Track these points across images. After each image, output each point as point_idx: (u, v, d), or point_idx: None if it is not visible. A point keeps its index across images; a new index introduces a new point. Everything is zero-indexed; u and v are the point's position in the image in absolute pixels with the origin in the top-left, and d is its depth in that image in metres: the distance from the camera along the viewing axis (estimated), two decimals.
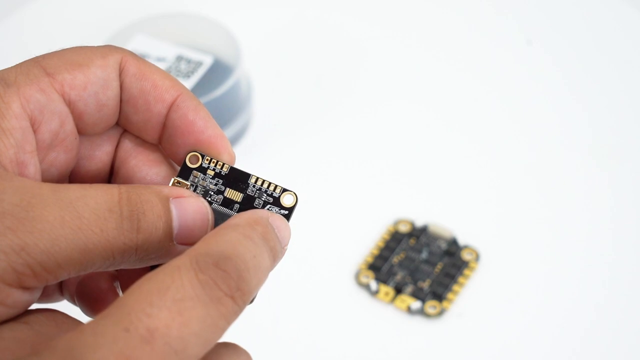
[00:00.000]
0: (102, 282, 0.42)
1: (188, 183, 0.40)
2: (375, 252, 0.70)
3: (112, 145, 0.42)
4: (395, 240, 0.70)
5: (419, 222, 0.71)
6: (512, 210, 0.72)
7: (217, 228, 0.37)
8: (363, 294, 0.68)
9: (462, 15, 0.88)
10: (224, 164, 0.41)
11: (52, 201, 0.35)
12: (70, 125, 0.39)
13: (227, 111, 0.76)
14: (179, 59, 0.76)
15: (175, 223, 0.38)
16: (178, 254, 0.37)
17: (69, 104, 0.39)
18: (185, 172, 0.41)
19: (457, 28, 0.87)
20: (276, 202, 0.40)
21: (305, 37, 0.86)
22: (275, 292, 0.66)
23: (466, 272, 0.68)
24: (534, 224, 0.71)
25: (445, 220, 0.71)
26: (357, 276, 0.69)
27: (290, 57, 0.85)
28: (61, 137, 0.39)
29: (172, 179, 0.41)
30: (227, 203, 0.40)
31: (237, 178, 0.40)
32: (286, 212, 0.40)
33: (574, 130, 0.78)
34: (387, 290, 0.68)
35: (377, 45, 0.85)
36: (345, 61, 0.84)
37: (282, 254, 0.38)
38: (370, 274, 0.69)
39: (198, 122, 0.40)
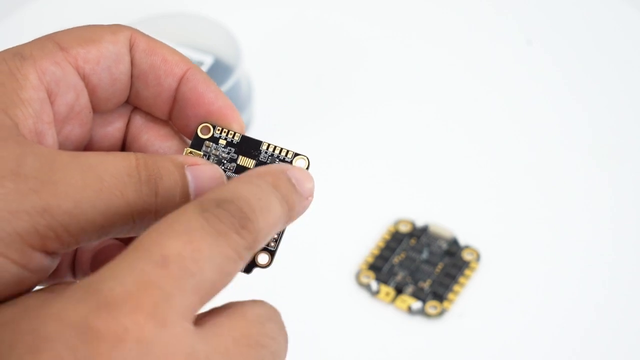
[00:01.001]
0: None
1: (201, 153, 0.41)
2: (376, 252, 0.70)
3: (124, 122, 0.43)
4: (395, 241, 0.70)
5: (420, 222, 0.71)
6: (513, 211, 0.72)
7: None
8: (363, 294, 0.68)
9: (462, 15, 0.88)
10: (235, 133, 0.41)
11: (73, 166, 0.36)
12: (84, 99, 0.40)
13: None
14: None
15: (192, 189, 0.38)
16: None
17: (83, 78, 0.40)
18: (197, 143, 0.41)
19: (457, 28, 0.87)
20: None
21: (305, 37, 0.86)
22: (276, 292, 0.65)
23: (467, 272, 0.68)
24: (534, 224, 0.71)
25: (445, 220, 0.71)
26: (357, 276, 0.69)
27: (290, 57, 0.85)
28: (76, 110, 0.40)
29: (185, 150, 0.41)
30: (240, 170, 0.41)
31: (249, 145, 0.41)
32: None
33: (574, 130, 0.78)
34: (387, 290, 0.68)
35: (377, 45, 0.85)
36: (345, 61, 0.84)
37: (303, 205, 0.38)
38: (371, 274, 0.69)
39: (208, 94, 0.41)
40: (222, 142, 0.41)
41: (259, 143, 0.41)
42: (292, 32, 0.87)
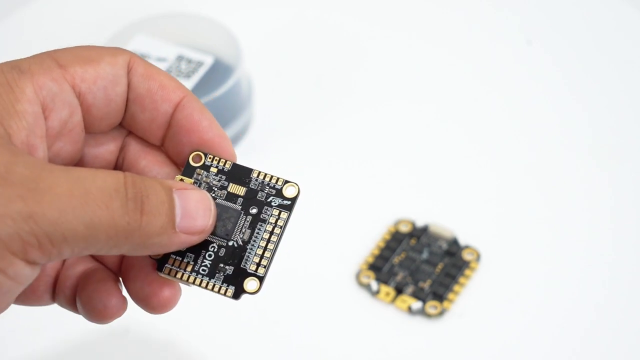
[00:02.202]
0: (107, 283, 0.42)
1: (192, 180, 0.41)
2: (376, 252, 0.70)
3: (117, 145, 0.43)
4: (396, 241, 0.70)
5: (420, 222, 0.71)
6: (513, 210, 0.72)
7: None
8: (364, 294, 0.68)
9: (462, 15, 0.88)
10: (226, 161, 0.42)
11: (61, 176, 0.36)
12: (78, 117, 0.41)
13: (228, 111, 0.76)
14: (180, 59, 0.76)
15: (178, 211, 0.39)
16: (180, 243, 0.39)
17: (79, 96, 0.40)
18: (189, 170, 0.42)
19: (457, 28, 0.87)
20: (278, 193, 0.41)
21: (306, 37, 0.86)
22: (276, 292, 0.66)
23: (467, 272, 0.68)
24: (534, 224, 0.71)
25: (446, 220, 0.71)
26: (357, 276, 0.68)
27: (290, 57, 0.85)
28: (69, 127, 0.40)
29: (176, 177, 0.42)
30: (231, 197, 0.41)
31: (239, 173, 0.42)
32: (289, 202, 0.41)
33: (575, 131, 0.78)
34: (387, 290, 0.68)
35: (377, 45, 0.85)
36: (345, 61, 0.84)
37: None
38: (371, 274, 0.68)
39: (203, 122, 0.42)
40: (214, 170, 0.42)
41: (249, 171, 0.42)
42: (292, 32, 0.87)
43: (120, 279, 0.43)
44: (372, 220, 0.72)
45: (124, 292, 0.42)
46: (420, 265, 0.69)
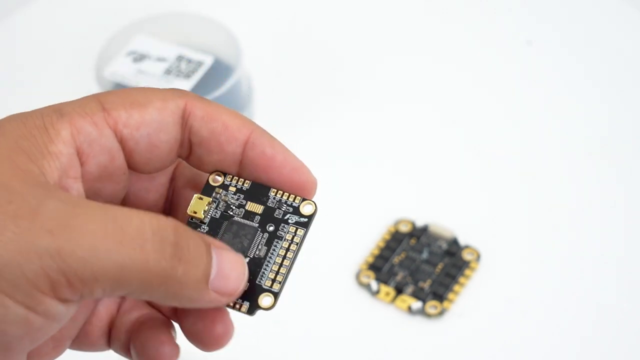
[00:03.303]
0: (161, 330, 0.41)
1: (210, 198, 0.41)
2: (376, 252, 0.70)
3: (167, 176, 0.42)
4: (395, 240, 0.70)
5: (420, 222, 0.71)
6: (513, 211, 0.72)
7: None
8: (364, 294, 0.68)
9: (463, 16, 0.88)
10: (245, 180, 0.41)
11: (96, 213, 0.35)
12: (120, 161, 0.39)
13: None
14: (180, 59, 0.76)
15: (214, 269, 0.38)
16: (209, 301, 0.38)
17: (121, 141, 0.39)
18: (208, 190, 0.41)
19: (458, 29, 0.87)
20: (296, 211, 0.41)
21: (306, 37, 0.86)
22: None
23: (467, 272, 0.68)
24: (534, 224, 0.71)
25: (446, 220, 0.71)
26: (357, 276, 0.68)
27: (290, 57, 0.85)
28: (109, 170, 0.39)
29: (195, 196, 0.41)
30: (248, 215, 0.41)
31: (258, 191, 0.41)
32: (305, 219, 0.41)
33: (575, 131, 0.78)
34: (387, 290, 0.68)
35: (377, 45, 0.85)
36: (345, 61, 0.84)
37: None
38: (371, 274, 0.68)
39: (277, 157, 0.40)
40: (232, 188, 0.41)
41: (267, 189, 0.41)
42: (292, 32, 0.87)
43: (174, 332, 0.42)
44: (372, 220, 0.72)
45: (179, 335, 0.42)
46: (420, 265, 0.69)
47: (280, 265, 0.41)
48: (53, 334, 0.37)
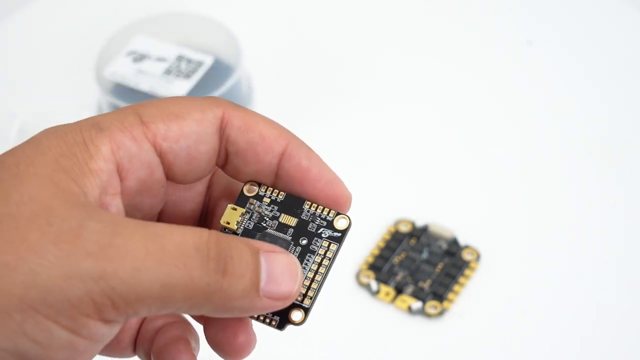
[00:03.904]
0: (180, 341, 0.41)
1: (244, 209, 0.41)
2: (376, 252, 0.70)
3: (204, 185, 0.42)
4: (395, 240, 0.70)
5: (420, 222, 0.71)
6: (513, 211, 0.72)
7: None
8: (364, 294, 0.68)
9: (463, 16, 0.88)
10: (279, 192, 0.41)
11: (136, 232, 0.35)
12: (159, 174, 0.39)
13: None
14: (180, 59, 0.76)
15: (264, 275, 0.37)
16: (263, 308, 0.37)
17: (160, 154, 0.39)
18: (242, 200, 0.41)
19: (458, 29, 0.87)
20: (330, 225, 0.41)
21: (306, 36, 0.86)
22: None
23: (467, 272, 0.68)
24: (534, 224, 0.71)
25: (445, 220, 0.71)
26: (357, 276, 0.68)
27: (290, 57, 0.84)
28: (148, 184, 0.39)
29: (228, 206, 0.40)
30: (282, 228, 0.40)
31: (292, 204, 0.41)
32: (339, 234, 0.41)
33: (575, 131, 0.78)
34: (387, 290, 0.68)
35: (377, 45, 0.85)
36: (345, 61, 0.84)
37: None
38: (371, 274, 0.68)
39: (312, 169, 0.40)
40: (266, 200, 0.41)
41: (302, 202, 0.41)
42: (292, 32, 0.87)
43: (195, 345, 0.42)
44: (372, 220, 0.72)
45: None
46: (420, 265, 0.69)
47: (312, 280, 0.40)
48: None
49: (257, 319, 0.40)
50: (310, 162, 0.40)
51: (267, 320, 0.40)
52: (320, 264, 0.40)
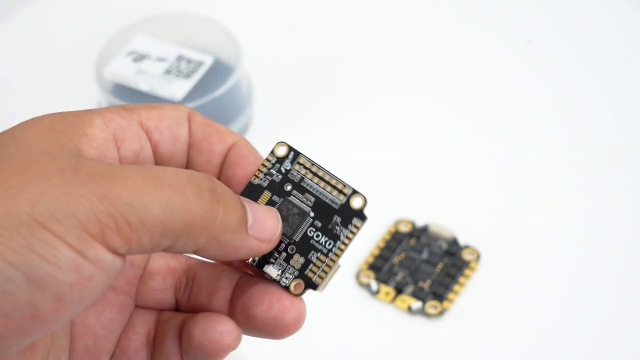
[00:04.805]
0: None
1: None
2: (376, 252, 0.70)
3: None
4: (395, 240, 0.70)
5: (420, 222, 0.71)
6: (513, 211, 0.72)
7: None
8: (363, 294, 0.68)
9: (463, 16, 0.88)
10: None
11: (133, 168, 0.37)
12: (148, 152, 0.42)
13: (228, 111, 0.76)
14: (179, 59, 0.76)
15: (250, 216, 0.39)
16: (250, 248, 0.39)
17: (147, 132, 0.41)
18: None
19: (457, 28, 0.87)
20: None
21: (306, 37, 0.86)
22: None
23: (467, 272, 0.68)
24: (534, 224, 0.71)
25: (445, 220, 0.71)
26: (357, 276, 0.69)
27: (290, 57, 0.85)
28: (141, 160, 0.41)
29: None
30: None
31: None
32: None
33: (575, 131, 0.78)
34: (387, 290, 0.68)
35: (377, 45, 0.85)
36: (346, 61, 0.84)
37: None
38: (371, 274, 0.69)
39: (250, 157, 0.43)
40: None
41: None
42: (292, 32, 0.87)
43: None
44: (372, 220, 0.71)
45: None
46: (420, 265, 0.69)
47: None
48: (93, 334, 0.39)
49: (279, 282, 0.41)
50: (251, 152, 0.43)
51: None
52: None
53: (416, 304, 0.67)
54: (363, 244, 0.70)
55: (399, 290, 0.68)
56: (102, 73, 0.76)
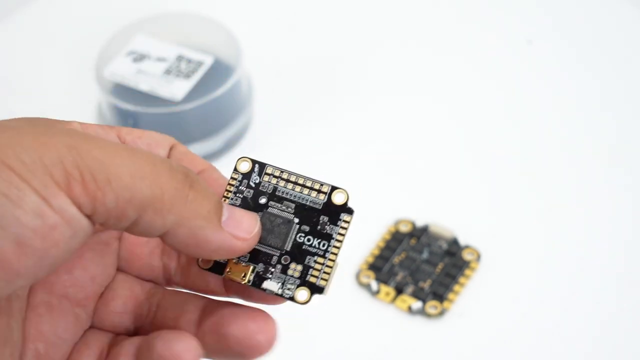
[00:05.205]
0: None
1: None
2: (376, 252, 0.70)
3: None
4: (396, 240, 0.70)
5: (420, 222, 0.71)
6: (513, 211, 0.72)
7: None
8: (364, 294, 0.68)
9: (463, 16, 0.88)
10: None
11: (106, 139, 0.37)
12: None
13: (228, 111, 0.76)
14: (180, 59, 0.76)
15: (225, 212, 0.38)
16: (224, 240, 0.38)
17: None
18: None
19: (458, 28, 0.87)
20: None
21: (306, 37, 0.86)
22: None
23: (467, 272, 0.68)
24: (534, 224, 0.71)
25: (446, 220, 0.71)
26: (357, 276, 0.68)
27: (290, 57, 0.85)
28: None
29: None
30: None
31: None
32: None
33: (575, 131, 0.78)
34: (387, 290, 0.68)
35: (377, 45, 0.85)
36: (346, 61, 0.84)
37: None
38: (371, 274, 0.68)
39: (220, 180, 0.42)
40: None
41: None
42: (292, 32, 0.87)
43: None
44: (372, 220, 0.72)
45: None
46: (420, 265, 0.69)
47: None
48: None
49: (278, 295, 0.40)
50: (220, 177, 0.42)
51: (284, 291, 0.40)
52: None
53: (416, 304, 0.66)
54: (363, 244, 0.70)
55: (399, 291, 0.68)
56: (102, 73, 0.76)
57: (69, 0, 0.90)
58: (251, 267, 0.40)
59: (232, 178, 0.41)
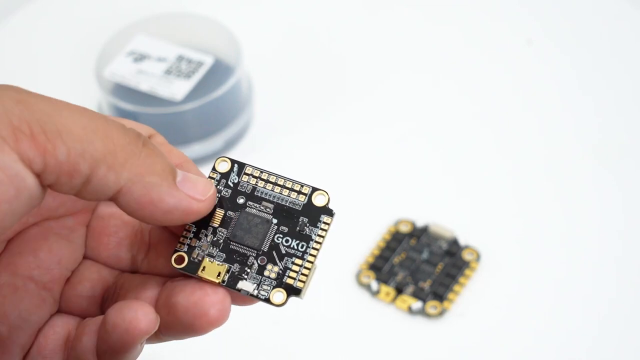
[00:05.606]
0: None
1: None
2: (376, 252, 0.70)
3: None
4: (396, 241, 0.70)
5: (420, 222, 0.71)
6: (513, 211, 0.72)
7: None
8: (364, 294, 0.68)
9: (462, 16, 0.88)
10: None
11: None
12: None
13: (228, 111, 0.76)
14: (180, 59, 0.76)
15: (180, 173, 0.37)
16: (180, 200, 0.36)
17: None
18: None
19: (457, 28, 0.87)
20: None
21: (306, 37, 0.86)
22: None
23: (467, 272, 0.68)
24: (534, 224, 0.71)
25: (446, 220, 0.71)
26: (357, 276, 0.68)
27: (290, 57, 0.85)
28: None
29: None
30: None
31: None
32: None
33: (574, 131, 0.78)
34: (387, 290, 0.68)
35: (377, 45, 0.85)
36: (346, 61, 0.84)
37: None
38: (371, 274, 0.68)
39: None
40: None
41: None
42: (292, 32, 0.87)
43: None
44: (372, 220, 0.72)
45: None
46: (420, 265, 0.69)
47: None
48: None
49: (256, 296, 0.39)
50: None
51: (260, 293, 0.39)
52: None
53: (416, 304, 0.66)
54: (363, 244, 0.70)
55: (399, 291, 0.68)
56: (102, 73, 0.76)
57: (69, 1, 0.90)
58: (226, 267, 0.39)
59: (210, 177, 0.40)
